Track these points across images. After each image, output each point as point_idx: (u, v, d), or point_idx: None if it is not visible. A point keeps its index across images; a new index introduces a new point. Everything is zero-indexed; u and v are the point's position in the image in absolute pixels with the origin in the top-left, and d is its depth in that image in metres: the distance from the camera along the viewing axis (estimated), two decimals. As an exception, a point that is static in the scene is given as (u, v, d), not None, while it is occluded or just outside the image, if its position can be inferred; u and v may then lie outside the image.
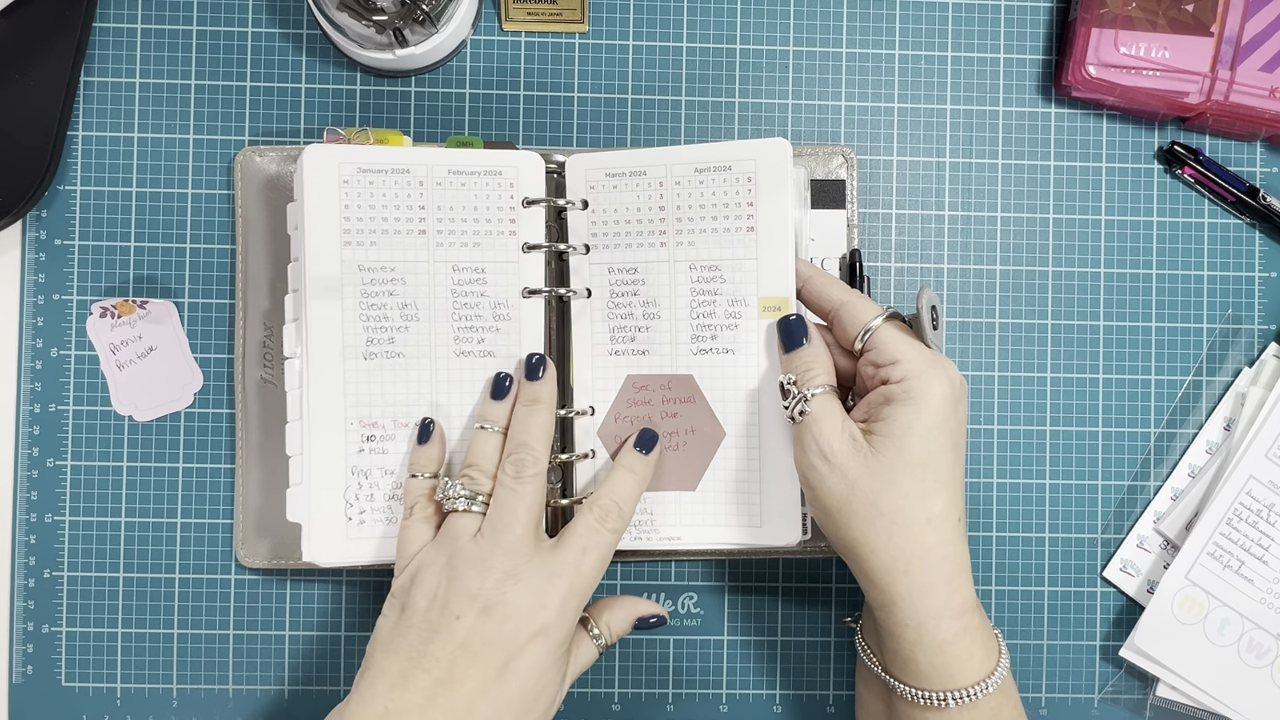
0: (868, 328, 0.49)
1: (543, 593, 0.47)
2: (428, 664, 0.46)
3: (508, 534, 0.48)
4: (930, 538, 0.47)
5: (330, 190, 0.52)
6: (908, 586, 0.47)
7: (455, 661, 0.46)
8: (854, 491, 0.47)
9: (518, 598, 0.47)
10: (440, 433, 0.52)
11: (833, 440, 0.47)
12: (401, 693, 0.46)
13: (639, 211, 0.54)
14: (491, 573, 0.47)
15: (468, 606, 0.47)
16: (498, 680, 0.46)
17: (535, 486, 0.49)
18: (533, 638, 0.47)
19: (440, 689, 0.45)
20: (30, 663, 0.57)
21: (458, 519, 0.49)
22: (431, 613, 0.47)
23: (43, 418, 0.57)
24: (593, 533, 0.49)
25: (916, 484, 0.47)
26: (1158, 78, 0.57)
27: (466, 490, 0.50)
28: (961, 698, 0.47)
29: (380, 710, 0.45)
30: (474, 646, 0.46)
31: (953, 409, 0.48)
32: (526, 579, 0.47)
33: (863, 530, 0.47)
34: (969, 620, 0.48)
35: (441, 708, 0.45)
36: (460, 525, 0.49)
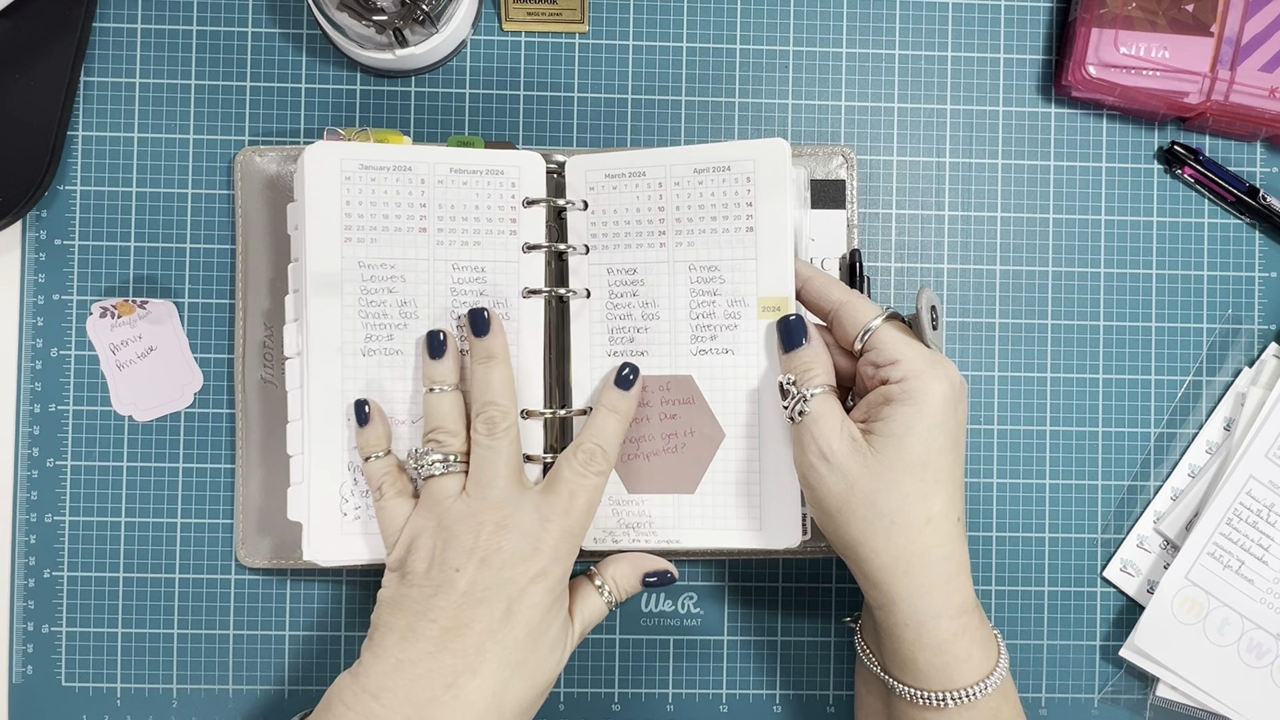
0: (867, 328, 0.49)
1: (535, 538, 0.48)
2: (434, 614, 0.47)
3: (493, 489, 0.49)
4: (930, 537, 0.47)
5: (332, 186, 0.52)
6: (907, 586, 0.47)
7: (460, 610, 0.47)
8: (853, 491, 0.47)
9: (512, 545, 0.48)
10: (378, 410, 0.53)
11: (832, 440, 0.48)
12: (411, 644, 0.47)
13: (638, 212, 0.54)
14: (484, 526, 0.48)
15: (466, 560, 0.48)
16: (503, 622, 0.47)
17: (510, 439, 0.50)
18: (532, 581, 0.48)
19: (448, 636, 0.47)
20: (30, 663, 0.57)
21: (438, 482, 0.50)
22: (432, 572, 0.48)
23: (43, 418, 0.57)
24: (579, 477, 0.50)
25: (916, 483, 0.47)
26: (1158, 78, 0.57)
27: (439, 454, 0.50)
28: (961, 698, 0.47)
29: (393, 663, 0.47)
30: (476, 594, 0.47)
31: (952, 409, 0.48)
32: (518, 527, 0.48)
33: (862, 530, 0.47)
34: (968, 620, 0.48)
35: (452, 652, 0.47)
36: (442, 487, 0.50)
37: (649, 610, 0.59)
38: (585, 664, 0.58)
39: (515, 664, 0.47)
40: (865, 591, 0.49)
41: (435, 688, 0.46)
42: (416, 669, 0.46)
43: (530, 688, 0.48)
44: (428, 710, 0.46)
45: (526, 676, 0.48)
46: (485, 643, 0.47)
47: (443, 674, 0.46)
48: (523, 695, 0.48)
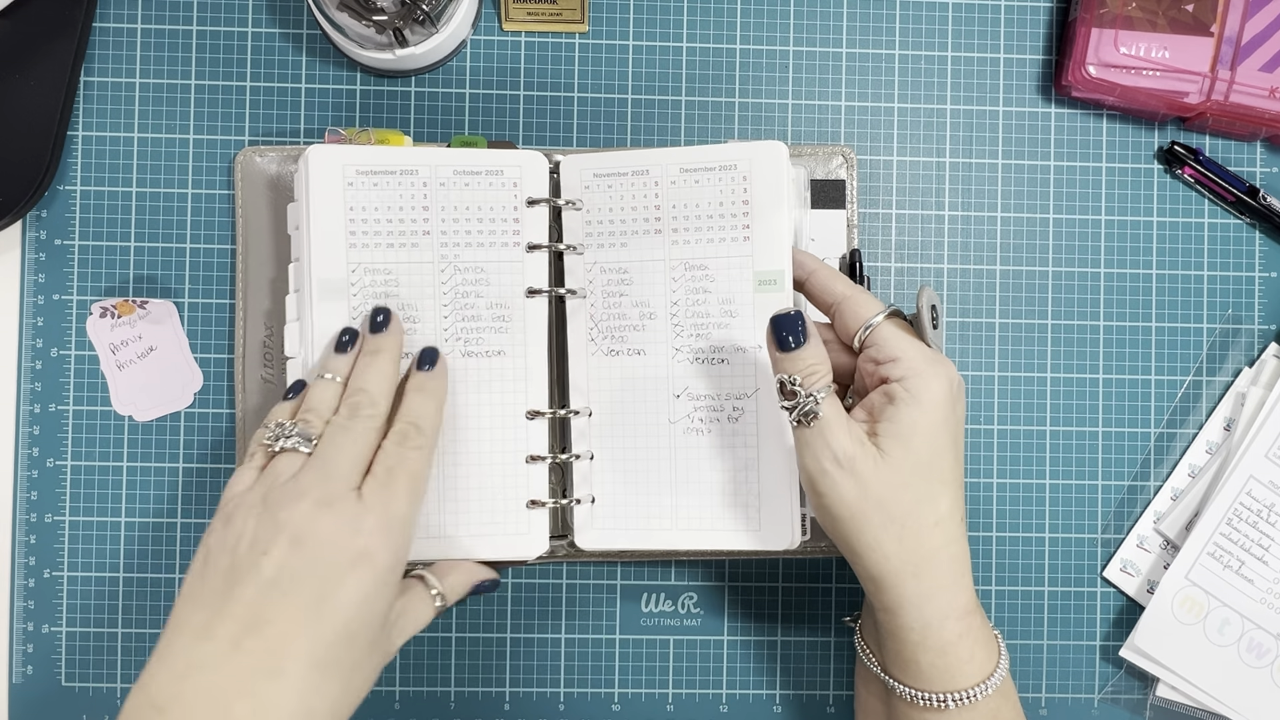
0: (869, 324, 0.49)
1: (356, 518, 0.44)
2: (234, 608, 0.42)
3: (330, 469, 0.46)
4: (938, 539, 0.47)
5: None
6: (916, 589, 0.47)
7: (264, 602, 0.42)
8: (866, 496, 0.46)
9: (330, 525, 0.43)
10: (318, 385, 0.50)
11: (845, 443, 0.46)
12: (205, 643, 0.41)
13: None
14: (303, 502, 0.44)
15: (276, 539, 0.43)
16: (314, 616, 0.42)
17: (367, 429, 0.47)
18: (352, 566, 0.43)
19: (248, 633, 0.41)
20: (30, 663, 0.57)
21: (282, 458, 0.47)
22: (239, 552, 0.43)
23: (43, 418, 0.57)
24: (396, 456, 0.47)
25: (924, 485, 0.46)
26: (1158, 78, 0.57)
27: (299, 434, 0.47)
28: (962, 699, 0.47)
29: (181, 668, 0.41)
30: (284, 583, 0.42)
31: (951, 408, 0.47)
32: (339, 507, 0.44)
33: (875, 535, 0.46)
34: (971, 621, 0.48)
35: (250, 651, 0.41)
36: (283, 464, 0.47)
37: (649, 610, 0.59)
38: (585, 664, 0.58)
39: (328, 664, 0.42)
40: (871, 595, 0.49)
41: (230, 697, 0.40)
42: (208, 675, 0.40)
43: (346, 692, 0.43)
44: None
45: (341, 679, 0.43)
46: (292, 641, 0.41)
47: (238, 680, 0.40)
48: (336, 701, 0.43)
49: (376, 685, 0.58)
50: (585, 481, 0.54)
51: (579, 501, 0.54)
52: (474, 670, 0.58)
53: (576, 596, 0.59)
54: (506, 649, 0.58)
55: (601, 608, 0.59)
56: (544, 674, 0.58)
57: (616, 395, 0.54)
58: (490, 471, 0.53)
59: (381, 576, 0.44)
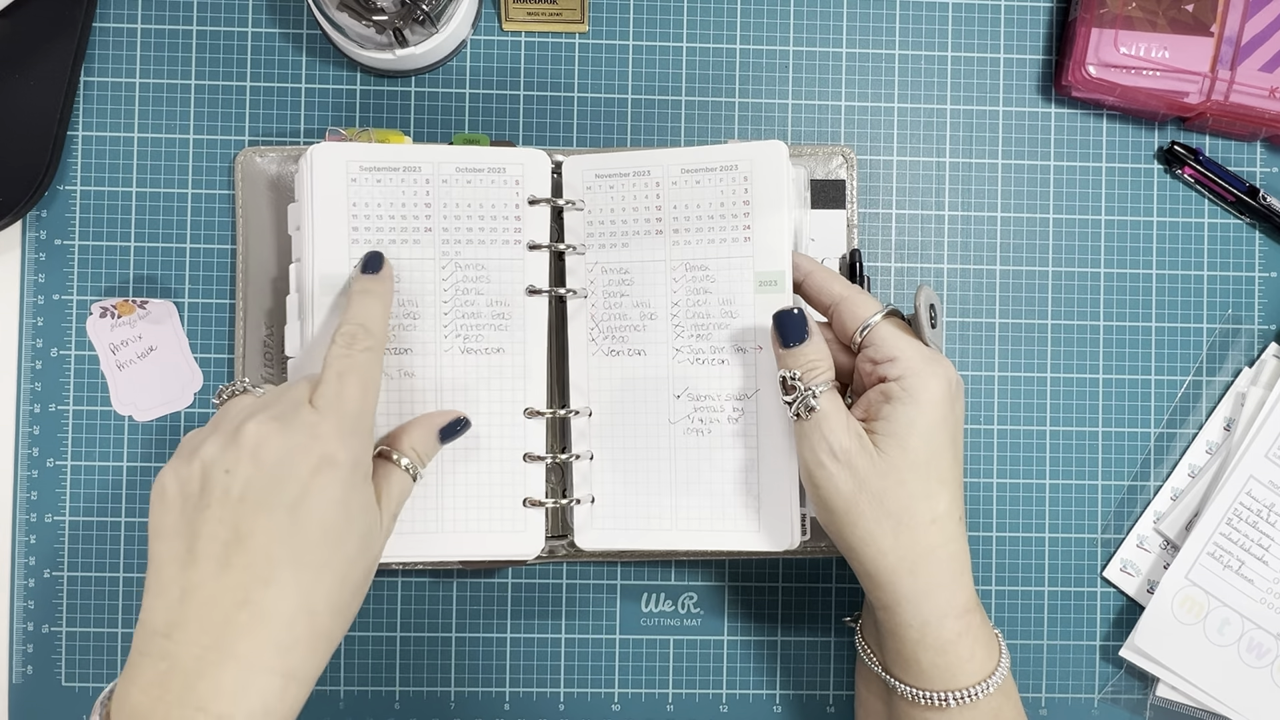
0: (867, 323, 0.49)
1: (312, 425, 0.44)
2: (211, 528, 0.42)
3: (283, 391, 0.46)
4: (935, 537, 0.47)
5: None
6: (912, 586, 0.47)
7: (239, 517, 0.42)
8: (862, 490, 0.47)
9: (287, 436, 0.43)
10: None
11: (842, 438, 0.47)
12: (192, 569, 0.42)
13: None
14: (258, 417, 0.44)
15: (237, 457, 0.43)
16: (290, 523, 0.43)
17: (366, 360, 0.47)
18: (316, 470, 0.43)
19: (231, 550, 0.42)
20: (30, 663, 0.57)
21: (235, 399, 0.47)
22: (204, 477, 0.43)
23: (43, 418, 0.57)
24: (344, 358, 0.47)
25: (921, 483, 0.47)
26: (1158, 78, 0.57)
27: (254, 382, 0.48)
28: (963, 698, 0.47)
29: (177, 594, 0.42)
30: (253, 497, 0.43)
31: (950, 407, 0.48)
32: (292, 416, 0.44)
33: (870, 530, 0.47)
34: (971, 620, 0.48)
35: (239, 568, 0.42)
36: (233, 401, 0.47)
37: (649, 610, 0.59)
38: (585, 664, 0.58)
39: (317, 565, 0.43)
40: (869, 592, 0.49)
41: (228, 608, 0.41)
42: (203, 593, 0.41)
43: (343, 584, 0.44)
44: (226, 634, 0.41)
45: (335, 573, 0.43)
46: (274, 548, 0.42)
47: (235, 592, 0.41)
48: (335, 593, 0.44)
49: (376, 685, 0.58)
50: (585, 481, 0.54)
51: (578, 501, 0.54)
52: (474, 670, 0.58)
53: (576, 596, 0.59)
54: (506, 649, 0.58)
55: (601, 608, 0.59)
56: (544, 674, 0.58)
57: (617, 395, 0.54)
58: (487, 469, 0.53)
59: (346, 477, 0.44)
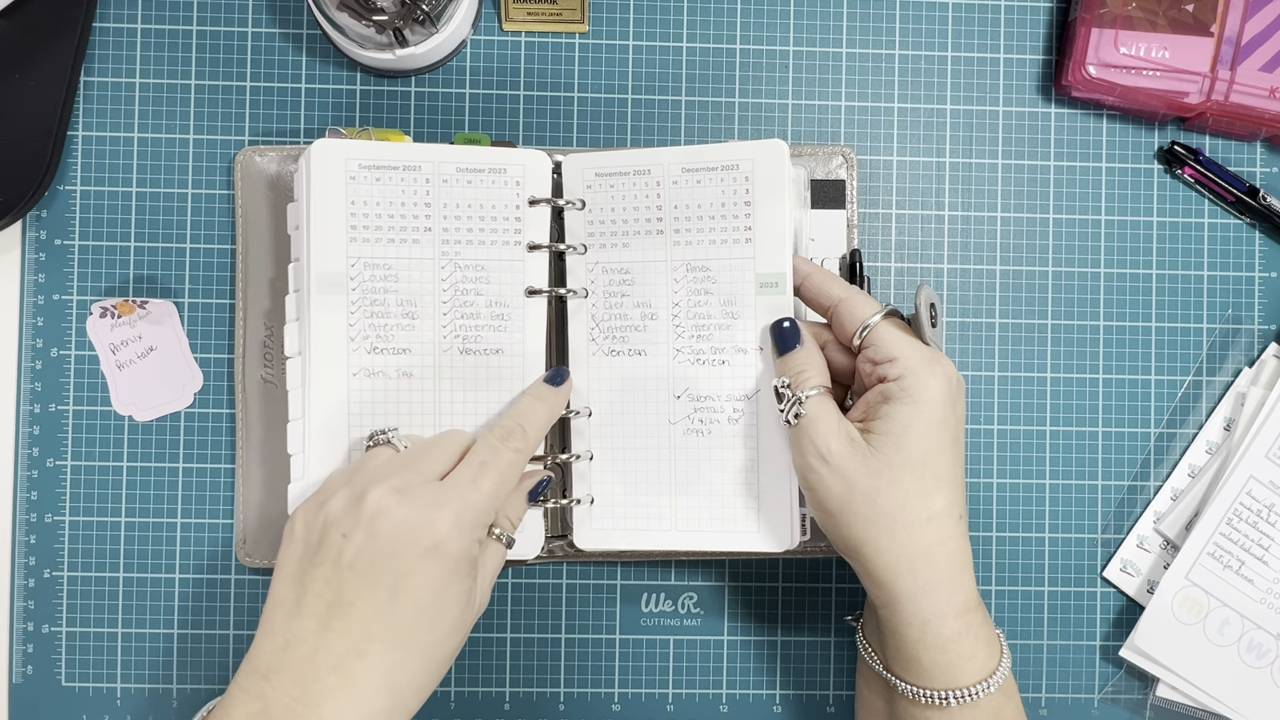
0: (866, 324, 0.49)
1: (432, 507, 0.45)
2: (318, 588, 0.44)
3: (421, 459, 0.47)
4: (932, 535, 0.47)
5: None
6: (911, 585, 0.47)
7: (344, 583, 0.44)
8: (854, 491, 0.47)
9: (405, 512, 0.45)
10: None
11: (830, 440, 0.47)
12: (298, 621, 0.44)
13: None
14: (384, 488, 0.45)
15: (355, 523, 0.45)
16: (390, 601, 0.44)
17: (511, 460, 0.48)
18: (424, 555, 0.44)
19: (333, 613, 0.44)
20: (30, 663, 0.57)
21: (376, 450, 0.49)
22: (325, 533, 0.45)
23: (43, 418, 0.57)
24: (492, 450, 0.48)
25: (917, 481, 0.47)
26: (1158, 78, 0.57)
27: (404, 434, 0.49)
28: (963, 696, 0.47)
29: (281, 642, 0.44)
30: (361, 566, 0.44)
31: (950, 406, 0.48)
32: (418, 496, 0.45)
33: (865, 530, 0.47)
34: (972, 618, 0.48)
35: (337, 632, 0.44)
36: (374, 454, 0.48)
37: (649, 610, 0.59)
38: (585, 664, 0.58)
39: (406, 645, 0.44)
40: (869, 590, 0.49)
41: (321, 670, 0.43)
42: (303, 648, 0.44)
43: (429, 666, 0.45)
44: (313, 693, 0.43)
45: (423, 655, 0.45)
46: (371, 623, 0.44)
47: (329, 655, 0.44)
48: (419, 674, 0.45)
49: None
50: (584, 481, 0.54)
51: (578, 501, 0.54)
52: (474, 670, 0.58)
53: (576, 596, 0.59)
54: (506, 649, 0.58)
55: (601, 608, 0.59)
56: (544, 674, 0.58)
57: (617, 395, 0.54)
58: (490, 471, 0.53)
59: (452, 567, 0.45)
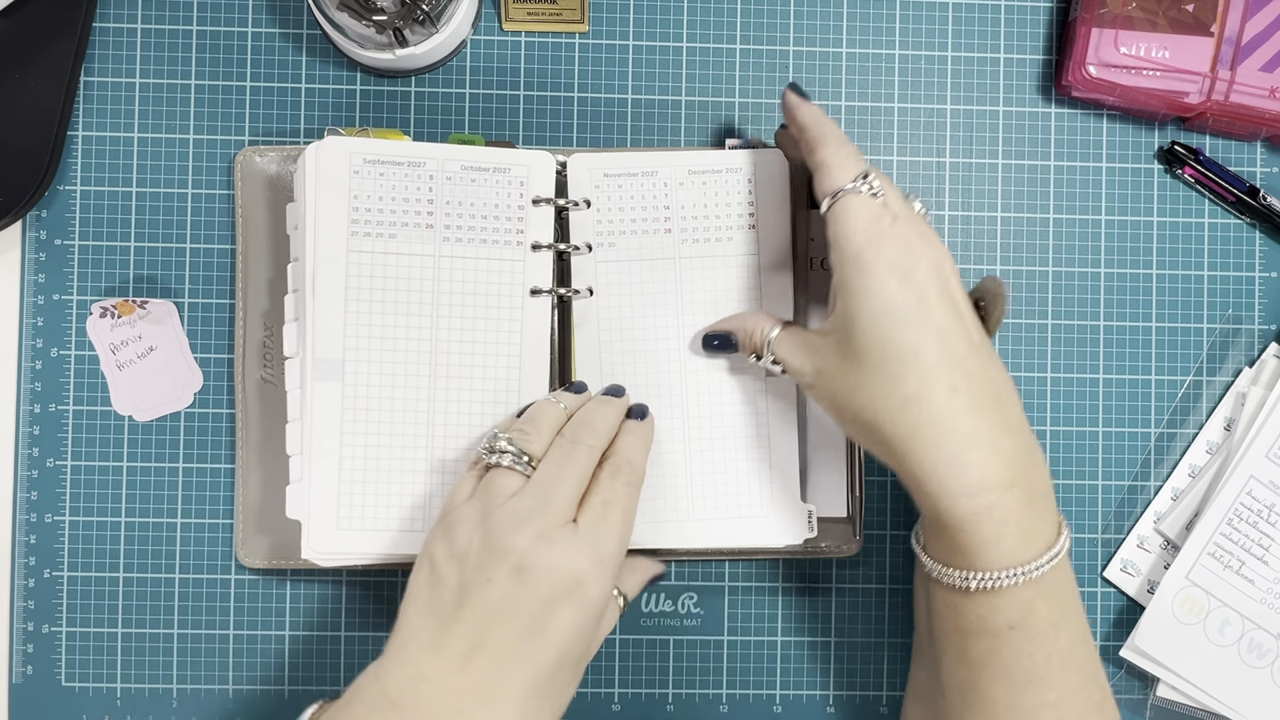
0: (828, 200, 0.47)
1: (575, 553, 0.45)
2: (460, 628, 0.44)
3: (551, 495, 0.46)
4: (918, 417, 0.45)
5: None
6: (914, 468, 0.45)
7: (487, 626, 0.44)
8: (840, 398, 0.47)
9: (552, 559, 0.45)
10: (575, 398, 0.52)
11: (801, 366, 0.48)
12: (434, 657, 0.44)
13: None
14: (526, 532, 0.45)
15: (499, 567, 0.45)
16: (532, 645, 0.44)
17: (588, 459, 0.48)
18: (564, 599, 0.45)
19: (474, 654, 0.44)
20: (30, 663, 0.57)
21: (499, 475, 0.48)
22: (465, 573, 0.45)
23: (43, 418, 0.57)
24: (611, 489, 0.48)
25: (881, 372, 0.45)
26: (1158, 78, 0.57)
27: (514, 447, 0.48)
28: (982, 582, 0.45)
29: (414, 674, 0.44)
30: (505, 612, 0.44)
31: (899, 281, 0.45)
32: (560, 541, 0.45)
33: (861, 430, 0.47)
34: (993, 500, 0.45)
35: (474, 674, 0.44)
36: (500, 483, 0.47)
37: (649, 610, 0.59)
38: (585, 664, 0.58)
39: (541, 693, 0.45)
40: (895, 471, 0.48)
41: (453, 712, 0.44)
42: (438, 687, 0.44)
43: (554, 711, 0.46)
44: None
45: (552, 701, 0.46)
46: (511, 669, 0.44)
47: (464, 698, 0.44)
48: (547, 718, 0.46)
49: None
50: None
51: None
52: (474, 670, 0.58)
53: (576, 596, 0.59)
54: (506, 649, 0.58)
55: (601, 608, 0.59)
56: (544, 674, 0.58)
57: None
58: (490, 471, 0.53)
59: (592, 610, 0.46)
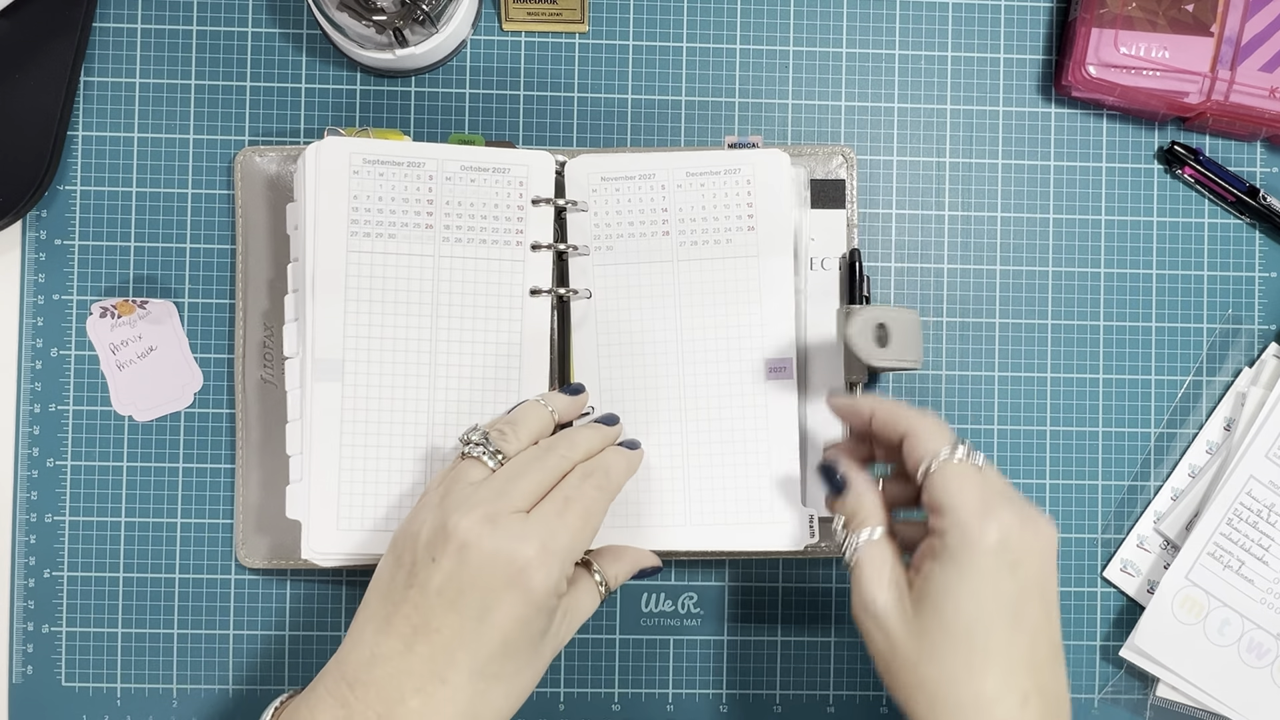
0: (926, 468, 0.45)
1: (519, 539, 0.44)
2: (407, 609, 0.44)
3: (509, 486, 0.46)
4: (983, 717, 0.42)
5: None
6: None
7: (431, 609, 0.44)
8: (895, 651, 0.44)
9: (494, 543, 0.44)
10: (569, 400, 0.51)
11: (876, 592, 0.44)
12: (384, 637, 0.44)
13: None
14: (473, 515, 0.44)
15: (444, 549, 0.44)
16: (476, 631, 0.44)
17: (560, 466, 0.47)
18: (510, 586, 0.44)
19: (419, 636, 0.44)
20: (30, 663, 0.57)
21: (467, 464, 0.47)
22: (416, 554, 0.45)
23: (43, 418, 0.57)
24: (575, 487, 0.47)
25: (959, 656, 0.42)
26: (1158, 78, 0.57)
27: (492, 445, 0.48)
28: None
29: (367, 655, 0.45)
30: (449, 594, 0.44)
31: (1008, 570, 0.42)
32: (505, 525, 0.44)
33: (905, 695, 0.44)
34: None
35: (420, 655, 0.44)
36: (465, 470, 0.47)
37: (649, 610, 0.59)
38: (585, 664, 0.58)
39: (490, 676, 0.44)
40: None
41: (405, 690, 0.44)
42: (389, 666, 0.44)
43: (508, 696, 0.45)
44: (396, 712, 0.43)
45: (503, 684, 0.45)
46: (456, 651, 0.44)
47: (413, 677, 0.44)
48: (501, 705, 0.45)
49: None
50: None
51: None
52: (474, 670, 0.58)
53: (576, 596, 0.59)
54: (506, 649, 0.58)
55: (601, 608, 0.58)
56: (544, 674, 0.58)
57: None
58: (490, 471, 0.53)
59: (538, 601, 0.44)
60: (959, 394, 0.59)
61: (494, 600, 0.44)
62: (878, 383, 0.59)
